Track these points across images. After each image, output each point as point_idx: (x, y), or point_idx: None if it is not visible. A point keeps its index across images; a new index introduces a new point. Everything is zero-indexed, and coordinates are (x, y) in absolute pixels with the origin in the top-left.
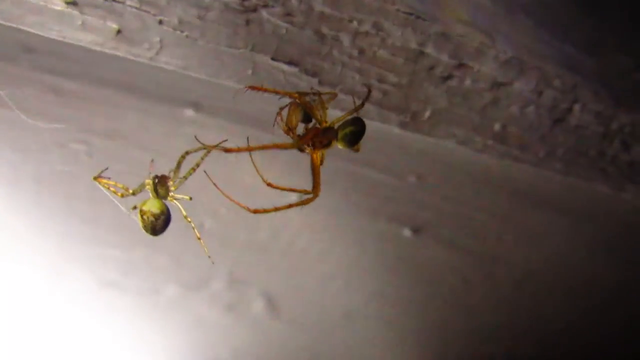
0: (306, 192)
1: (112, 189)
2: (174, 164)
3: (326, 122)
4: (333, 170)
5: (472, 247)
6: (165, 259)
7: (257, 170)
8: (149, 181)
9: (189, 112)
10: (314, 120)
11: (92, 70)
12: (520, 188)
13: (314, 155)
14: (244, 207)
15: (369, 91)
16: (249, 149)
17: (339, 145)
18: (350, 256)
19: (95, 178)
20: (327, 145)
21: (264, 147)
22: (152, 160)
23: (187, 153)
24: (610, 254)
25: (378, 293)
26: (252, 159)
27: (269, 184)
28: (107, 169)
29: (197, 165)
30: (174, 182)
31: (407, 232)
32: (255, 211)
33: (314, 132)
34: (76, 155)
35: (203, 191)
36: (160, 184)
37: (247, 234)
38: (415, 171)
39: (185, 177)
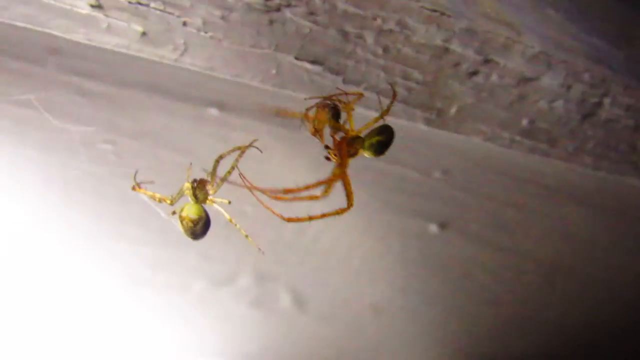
0: (315, 198)
1: (148, 192)
2: (209, 167)
3: (353, 130)
4: (359, 167)
5: (499, 242)
6: (193, 256)
7: (274, 212)
8: (188, 185)
9: (214, 112)
10: (342, 121)
11: (118, 72)
12: (549, 183)
13: (342, 165)
14: (278, 215)
15: (394, 94)
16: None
17: (365, 154)
18: (377, 252)
19: (134, 188)
20: (354, 154)
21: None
22: (191, 164)
23: (221, 157)
24: None
25: (404, 288)
26: (255, 196)
27: (289, 220)
28: (137, 172)
29: (233, 167)
30: (213, 185)
31: (433, 228)
32: (289, 220)
33: (341, 142)
34: (104, 156)
35: (228, 190)
36: (199, 189)
37: (273, 231)
38: (441, 166)
39: (223, 180)
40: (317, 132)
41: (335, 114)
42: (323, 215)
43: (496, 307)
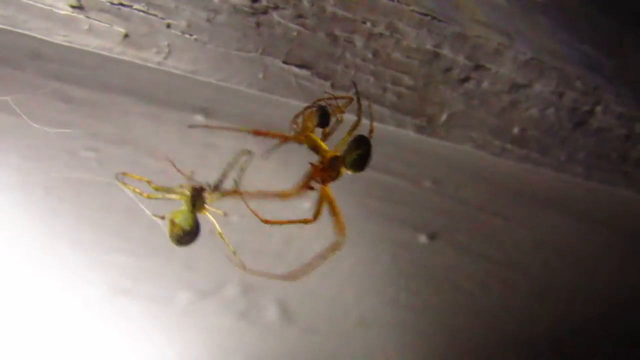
0: (305, 222)
1: (137, 190)
2: (207, 177)
3: (328, 150)
4: (347, 176)
5: (489, 253)
6: (177, 266)
7: (252, 210)
8: (186, 192)
9: (199, 118)
10: (331, 124)
11: (100, 77)
12: (540, 193)
13: (326, 190)
14: (257, 216)
15: (351, 98)
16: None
17: (349, 172)
18: (365, 262)
19: (118, 178)
20: (337, 176)
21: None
22: (192, 172)
23: (224, 175)
24: (633, 261)
25: (393, 300)
26: (245, 202)
27: (265, 221)
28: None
29: (237, 185)
30: (210, 195)
31: (422, 238)
32: (266, 221)
33: (317, 168)
34: (86, 163)
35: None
36: (198, 197)
37: (260, 241)
38: (431, 176)
39: (223, 195)
40: (305, 139)
41: (324, 118)
42: (293, 222)
43: (485, 320)
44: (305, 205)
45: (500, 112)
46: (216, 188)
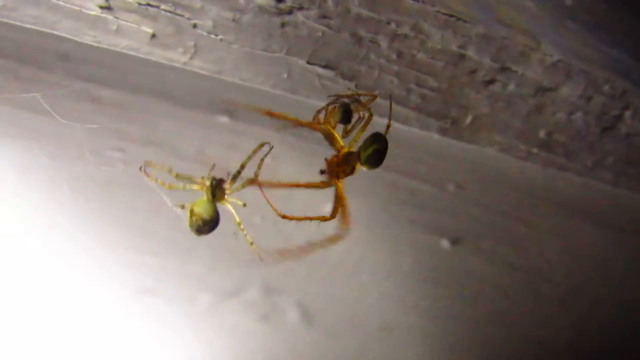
0: (323, 219)
1: (159, 180)
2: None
3: (343, 146)
4: (371, 179)
5: (512, 260)
6: (200, 267)
7: (270, 203)
8: (207, 182)
9: (224, 119)
10: (354, 120)
11: (127, 77)
12: (565, 199)
13: (340, 186)
14: (275, 210)
15: (374, 96)
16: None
17: (363, 168)
18: (387, 267)
19: (142, 170)
20: (352, 172)
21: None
22: (214, 165)
23: (244, 164)
24: None
25: (415, 305)
26: (263, 194)
27: (283, 216)
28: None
29: (256, 175)
30: (230, 186)
31: (445, 243)
32: (284, 216)
33: (332, 163)
34: (112, 163)
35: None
36: (218, 187)
37: (281, 243)
38: (454, 180)
39: (243, 186)
40: (321, 128)
41: (346, 115)
42: (311, 218)
43: (508, 328)
44: (325, 209)
45: (526, 116)
46: (235, 178)
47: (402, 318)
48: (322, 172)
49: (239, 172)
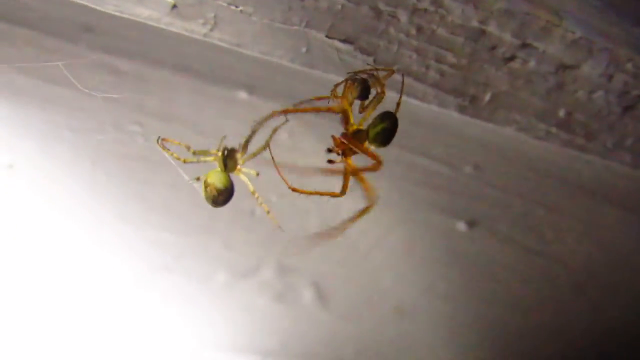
0: (333, 195)
1: (175, 154)
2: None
3: (354, 123)
4: (387, 159)
5: (530, 244)
6: (217, 246)
7: (282, 175)
8: (218, 152)
9: (243, 95)
10: (371, 97)
11: (148, 50)
12: (584, 181)
13: (349, 162)
14: (285, 181)
15: (392, 71)
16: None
17: (372, 147)
18: (403, 249)
19: (158, 142)
20: (360, 150)
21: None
22: (224, 137)
23: (255, 131)
24: None
25: (430, 288)
26: (275, 166)
27: (293, 189)
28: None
29: (267, 143)
30: (243, 155)
31: (461, 226)
32: (294, 189)
33: (339, 141)
34: (132, 137)
35: (254, 179)
36: (230, 157)
37: (297, 222)
38: (472, 161)
39: (255, 154)
40: (345, 111)
41: (365, 91)
42: (321, 193)
43: (523, 313)
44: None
45: (546, 94)
46: (246, 147)
47: (417, 300)
48: (329, 150)
49: (249, 139)
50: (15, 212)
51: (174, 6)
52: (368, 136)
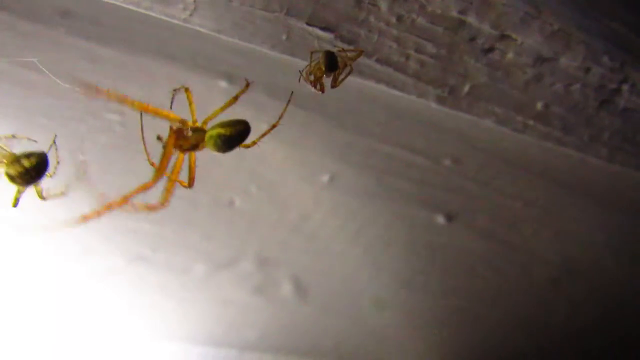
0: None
1: None
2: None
3: (196, 121)
4: (366, 151)
5: (508, 238)
6: (196, 237)
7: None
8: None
9: (223, 84)
10: (341, 68)
11: (127, 36)
12: (561, 176)
13: (181, 157)
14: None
15: (247, 84)
16: None
17: (209, 149)
18: (381, 242)
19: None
20: (195, 147)
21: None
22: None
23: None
24: None
25: (408, 281)
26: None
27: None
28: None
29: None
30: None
31: (440, 219)
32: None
33: (177, 133)
34: (110, 126)
35: (234, 169)
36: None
37: (277, 214)
38: (451, 154)
39: None
40: (314, 82)
41: (332, 61)
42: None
43: (501, 306)
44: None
45: (524, 86)
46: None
47: (396, 293)
48: (158, 138)
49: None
50: None
51: None
52: (204, 137)
